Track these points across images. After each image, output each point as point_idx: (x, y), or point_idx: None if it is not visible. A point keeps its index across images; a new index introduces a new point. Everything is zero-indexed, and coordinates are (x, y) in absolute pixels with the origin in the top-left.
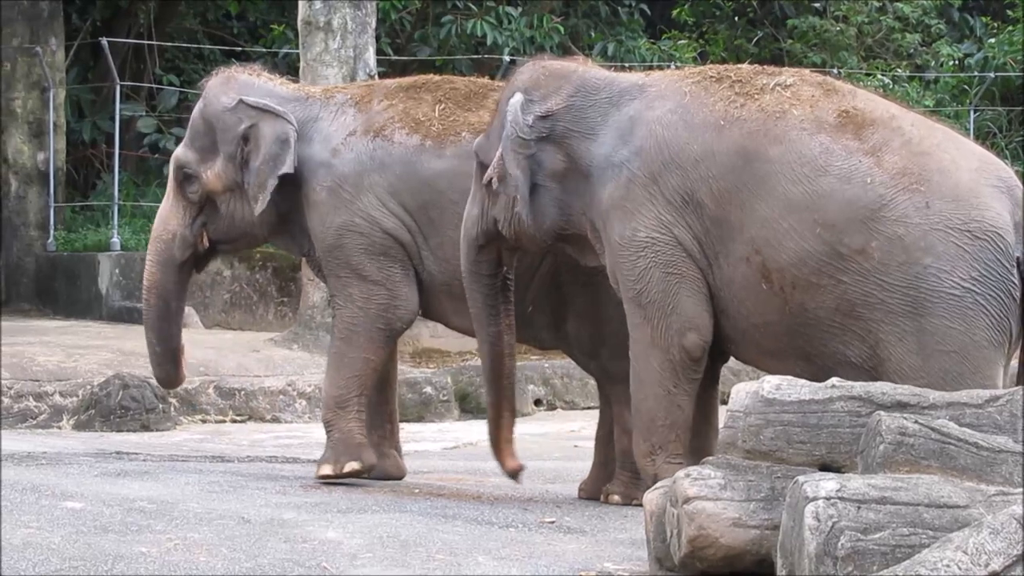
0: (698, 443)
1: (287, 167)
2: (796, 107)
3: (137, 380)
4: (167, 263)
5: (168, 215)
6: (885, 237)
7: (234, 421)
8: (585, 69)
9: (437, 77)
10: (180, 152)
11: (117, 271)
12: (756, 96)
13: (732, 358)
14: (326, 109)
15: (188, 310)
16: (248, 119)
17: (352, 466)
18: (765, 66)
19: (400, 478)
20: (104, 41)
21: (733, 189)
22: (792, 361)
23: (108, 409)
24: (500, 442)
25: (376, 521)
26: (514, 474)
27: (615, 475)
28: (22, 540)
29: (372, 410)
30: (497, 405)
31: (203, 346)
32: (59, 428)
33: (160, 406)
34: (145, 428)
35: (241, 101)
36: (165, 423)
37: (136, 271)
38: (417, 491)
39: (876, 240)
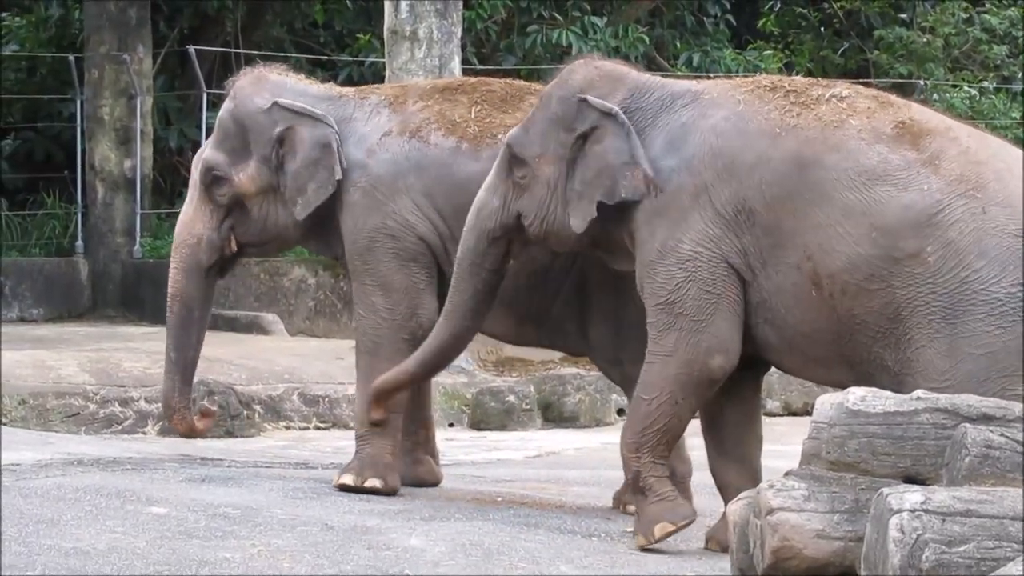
0: (741, 451)
1: (337, 173)
2: (853, 117)
3: (222, 387)
4: (192, 269)
5: (192, 219)
6: (940, 242)
7: (318, 428)
8: (637, 72)
9: (473, 79)
10: (209, 154)
11: None
12: (812, 106)
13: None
14: (360, 110)
15: (272, 318)
16: (284, 122)
17: (374, 483)
18: (819, 79)
19: (435, 484)
20: (191, 49)
21: (787, 196)
22: (838, 368)
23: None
24: (386, 395)
25: (459, 529)
26: (377, 424)
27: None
28: (107, 545)
29: (406, 416)
30: (415, 379)
31: (287, 354)
32: (144, 433)
33: (244, 412)
34: (229, 434)
35: (276, 103)
36: (249, 429)
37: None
38: (500, 499)
39: (932, 245)
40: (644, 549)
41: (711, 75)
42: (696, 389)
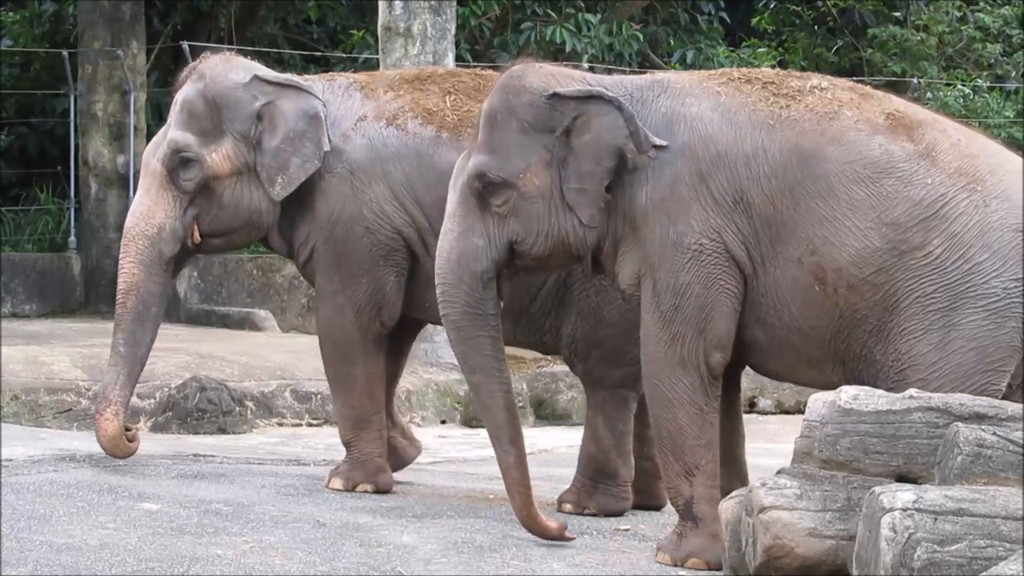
0: (729, 452)
1: (325, 146)
2: (845, 108)
3: (214, 383)
4: (151, 262)
5: (150, 208)
6: (946, 234)
7: (310, 425)
8: (580, 72)
9: (441, 69)
10: (176, 135)
11: (195, 274)
12: (797, 97)
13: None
14: (331, 92)
15: (264, 314)
16: (264, 96)
17: (364, 488)
18: (790, 71)
19: (417, 454)
20: (185, 45)
21: (787, 188)
22: (829, 367)
23: (185, 411)
24: (533, 506)
25: (451, 526)
26: (563, 533)
27: (573, 481)
28: (99, 541)
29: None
30: (522, 464)
31: (280, 350)
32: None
33: (237, 409)
34: (222, 431)
35: (256, 76)
36: (242, 426)
37: (215, 274)
38: (492, 497)
39: (937, 237)
40: (662, 563)
41: None
42: (712, 390)
